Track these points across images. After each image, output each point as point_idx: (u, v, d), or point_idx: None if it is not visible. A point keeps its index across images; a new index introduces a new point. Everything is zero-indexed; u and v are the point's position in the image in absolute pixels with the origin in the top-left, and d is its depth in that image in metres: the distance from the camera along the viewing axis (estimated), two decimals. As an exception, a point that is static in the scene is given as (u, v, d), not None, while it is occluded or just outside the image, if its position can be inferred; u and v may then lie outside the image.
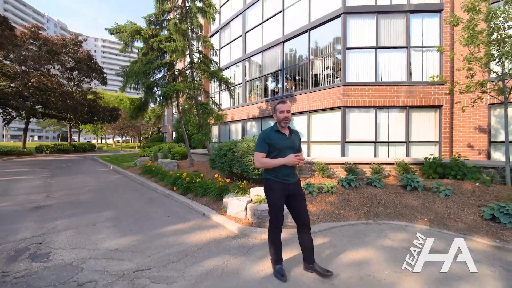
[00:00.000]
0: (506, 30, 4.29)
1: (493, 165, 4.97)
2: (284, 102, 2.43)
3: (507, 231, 3.31)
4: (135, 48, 7.76)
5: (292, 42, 9.97)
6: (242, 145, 5.43)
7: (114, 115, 27.50)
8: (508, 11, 4.20)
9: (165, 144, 15.54)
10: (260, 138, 2.41)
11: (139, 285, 2.29)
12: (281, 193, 2.39)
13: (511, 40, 4.22)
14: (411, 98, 7.58)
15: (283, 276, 2.36)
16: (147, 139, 37.89)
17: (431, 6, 7.73)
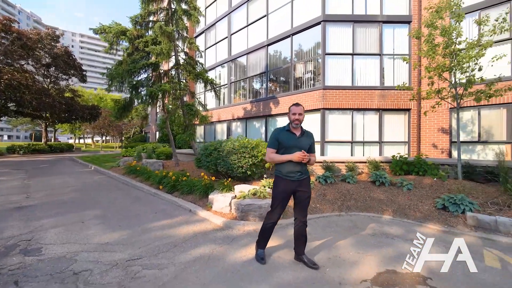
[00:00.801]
0: (457, 45, 4.93)
1: (449, 163, 5.65)
2: (298, 105, 2.60)
3: (454, 218, 3.88)
4: (120, 48, 7.74)
5: (276, 46, 10.37)
6: (227, 145, 5.72)
7: (94, 114, 26.51)
8: (458, 28, 4.83)
9: (149, 144, 15.38)
10: (272, 135, 2.63)
11: (132, 271, 2.53)
12: (284, 189, 2.54)
13: (461, 53, 4.86)
14: (383, 102, 8.25)
15: (263, 259, 2.68)
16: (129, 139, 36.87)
17: (401, 18, 8.44)
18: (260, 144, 5.79)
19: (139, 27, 7.29)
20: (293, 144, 2.54)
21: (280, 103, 9.80)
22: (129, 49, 7.50)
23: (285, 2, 9.87)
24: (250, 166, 5.42)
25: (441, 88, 5.22)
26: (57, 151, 24.77)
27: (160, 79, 7.87)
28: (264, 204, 4.07)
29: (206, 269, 2.57)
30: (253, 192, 4.50)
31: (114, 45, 7.45)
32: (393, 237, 3.38)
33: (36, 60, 22.25)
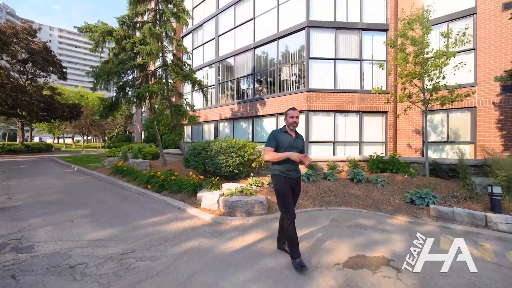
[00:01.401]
0: (425, 54, 5.45)
1: (419, 161, 6.20)
2: (294, 109, 2.81)
3: (420, 210, 4.35)
4: (106, 48, 7.68)
5: (262, 49, 10.67)
6: (215, 145, 5.93)
7: (74, 112, 25.58)
8: (426, 40, 5.35)
9: (134, 144, 15.17)
10: (271, 135, 2.79)
11: (127, 263, 2.71)
12: (286, 186, 2.72)
13: (429, 62, 5.38)
14: (363, 104, 8.78)
15: (304, 266, 2.50)
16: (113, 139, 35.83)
17: (379, 26, 9.02)
18: (247, 144, 6.05)
19: (126, 28, 7.29)
20: (291, 144, 2.75)
21: (266, 104, 10.11)
22: (116, 49, 7.47)
23: (272, 7, 10.19)
24: (237, 165, 5.67)
25: (411, 93, 5.73)
26: (35, 151, 23.70)
27: (147, 79, 7.91)
28: (251, 201, 4.34)
29: (196, 259, 2.80)
30: (240, 190, 4.76)
31: (100, 45, 7.39)
32: (366, 228, 3.76)
33: (11, 55, 21.17)
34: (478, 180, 4.72)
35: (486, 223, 3.75)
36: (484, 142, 7.27)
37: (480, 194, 4.43)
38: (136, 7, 7.25)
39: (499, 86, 7.11)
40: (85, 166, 11.52)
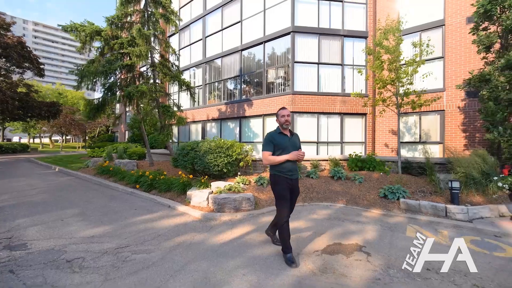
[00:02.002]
0: (398, 62, 5.98)
1: (393, 160, 6.76)
2: (284, 108, 2.84)
3: (391, 203, 4.82)
4: (93, 48, 7.60)
5: (249, 51, 10.94)
6: (204, 145, 6.13)
7: (53, 111, 24.46)
8: (399, 49, 5.88)
9: (119, 144, 14.90)
10: (266, 139, 2.80)
11: (123, 256, 2.88)
12: (286, 186, 2.75)
13: (401, 70, 5.92)
14: (344, 107, 9.30)
15: (293, 262, 2.64)
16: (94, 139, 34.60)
17: (359, 33, 9.59)
18: (234, 144, 6.30)
19: (114, 28, 7.26)
20: (288, 144, 2.78)
21: (253, 105, 10.39)
22: (105, 50, 7.41)
23: (258, 11, 10.49)
24: (225, 165, 5.91)
25: (386, 98, 6.25)
26: (10, 152, 22.50)
27: (134, 80, 7.90)
28: (239, 198, 4.61)
29: (189, 251, 3.03)
30: (228, 188, 5.01)
31: (87, 45, 7.31)
32: (343, 220, 4.15)
33: (-19, 50, 19.94)
34: (442, 176, 5.29)
35: (446, 213, 4.27)
36: (451, 142, 8.00)
37: (443, 188, 4.98)
38: (126, 7, 7.24)
39: (464, 92, 7.85)
40: (67, 167, 11.23)
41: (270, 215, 4.40)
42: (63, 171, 10.42)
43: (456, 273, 2.49)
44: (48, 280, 2.36)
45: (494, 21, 5.26)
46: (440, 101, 8.16)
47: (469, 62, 7.81)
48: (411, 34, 8.97)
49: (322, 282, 2.36)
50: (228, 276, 2.45)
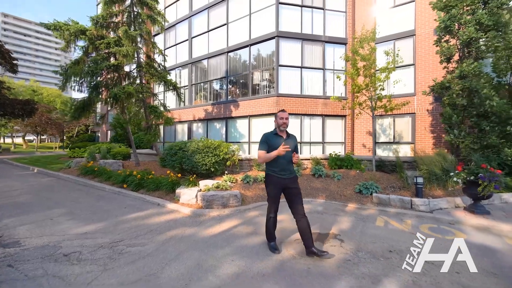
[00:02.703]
0: (372, 69, 6.54)
1: (369, 158, 7.34)
2: (284, 111, 2.95)
3: (365, 198, 5.33)
4: (77, 47, 7.50)
5: (235, 53, 11.21)
6: (192, 145, 6.34)
7: (28, 109, 23.10)
8: (373, 57, 6.44)
9: (101, 144, 14.57)
10: (262, 139, 2.95)
11: (118, 249, 3.08)
12: (277, 186, 2.89)
13: (375, 76, 6.48)
14: (325, 109, 9.84)
15: (276, 249, 2.96)
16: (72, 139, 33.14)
17: (339, 39, 10.18)
18: (222, 144, 6.56)
19: (99, 27, 7.22)
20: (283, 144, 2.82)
21: (240, 106, 10.67)
22: (90, 49, 7.35)
23: (244, 14, 10.78)
24: (213, 164, 6.16)
25: (362, 101, 6.81)
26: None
27: (120, 80, 7.89)
28: (226, 195, 4.89)
29: (181, 243, 3.28)
30: (216, 185, 5.27)
31: (71, 44, 7.21)
32: (323, 213, 4.57)
33: None
34: (410, 173, 5.90)
35: (411, 205, 4.82)
36: (421, 142, 8.77)
37: (410, 184, 5.57)
38: (110, 7, 7.23)
39: (432, 96, 8.64)
40: (46, 168, 10.89)
41: (256, 210, 4.73)
42: (42, 172, 10.11)
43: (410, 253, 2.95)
44: (49, 272, 2.53)
45: (454, 34, 5.95)
46: (412, 104, 8.92)
47: (436, 70, 8.60)
48: (386, 42, 9.69)
49: (301, 264, 2.71)
50: (219, 262, 2.74)
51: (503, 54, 5.64)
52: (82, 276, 2.45)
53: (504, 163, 5.61)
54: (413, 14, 9.28)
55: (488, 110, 5.19)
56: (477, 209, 4.38)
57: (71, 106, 7.60)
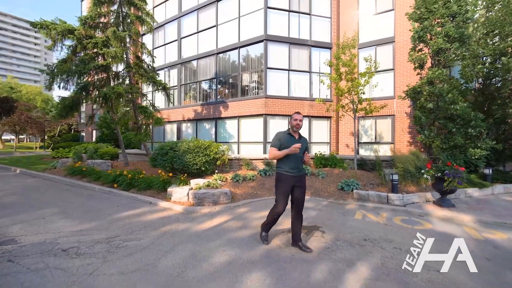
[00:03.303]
0: (353, 74, 7.00)
1: (351, 158, 7.81)
2: (298, 114, 3.05)
3: (347, 194, 5.74)
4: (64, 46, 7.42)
5: (225, 55, 11.41)
6: (183, 145, 6.51)
7: (6, 107, 22.15)
8: (353, 63, 6.89)
9: (87, 144, 14.31)
10: (275, 137, 3.08)
11: (115, 244, 3.25)
12: (288, 183, 2.96)
13: (356, 80, 6.93)
14: (312, 110, 10.27)
15: (266, 240, 3.20)
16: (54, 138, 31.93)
17: (324, 44, 10.64)
18: (212, 144, 6.78)
19: (88, 27, 7.19)
20: (294, 144, 2.92)
21: (229, 107, 10.90)
22: (78, 48, 7.29)
23: (233, 17, 11.01)
24: (203, 163, 6.37)
25: (344, 104, 7.25)
26: (-49, 153, 19.89)
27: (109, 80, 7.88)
28: (217, 192, 5.13)
29: (175, 237, 3.50)
30: (207, 184, 5.50)
31: (58, 43, 7.14)
32: (307, 208, 4.89)
33: None
34: (387, 171, 6.38)
35: (387, 200, 5.27)
36: (400, 142, 9.38)
37: (387, 181, 6.04)
38: (99, 7, 7.23)
39: (409, 100, 9.27)
40: (30, 168, 10.62)
41: (245, 207, 5.00)
42: (26, 173, 9.86)
43: (383, 241, 3.34)
44: (50, 265, 2.68)
45: (427, 43, 6.49)
46: (391, 107, 9.52)
47: (413, 75, 9.14)
48: (368, 48, 10.27)
49: (286, 252, 3.02)
50: (211, 253, 2.99)
51: (468, 63, 6.25)
52: (83, 267, 2.63)
53: (470, 162, 6.22)
54: (393, 22, 9.89)
55: (453, 113, 5.75)
56: (444, 203, 4.89)
57: (58, 105, 7.51)
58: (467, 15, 5.85)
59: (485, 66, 6.19)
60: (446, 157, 5.64)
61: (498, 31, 6.04)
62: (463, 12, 5.87)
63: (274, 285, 2.30)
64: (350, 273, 2.52)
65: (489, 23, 6.02)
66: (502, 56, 5.97)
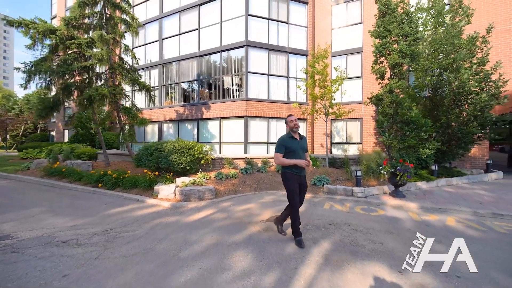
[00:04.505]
0: (325, 82, 7.81)
1: (323, 157, 8.65)
2: (291, 115, 3.30)
3: (318, 189, 6.50)
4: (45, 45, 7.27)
5: (207, 58, 11.77)
6: (168, 146, 6.84)
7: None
8: (324, 72, 7.70)
9: (61, 144, 13.80)
10: (279, 142, 3.24)
11: (112, 235, 3.60)
12: (295, 181, 3.23)
13: (328, 88, 7.75)
14: (289, 113, 11.02)
15: (301, 244, 3.17)
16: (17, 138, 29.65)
17: (301, 51, 11.46)
18: (196, 145, 7.18)
19: (71, 28, 7.14)
20: (298, 147, 3.20)
21: (211, 108, 11.28)
22: (60, 48, 7.21)
23: (215, 22, 11.42)
24: (188, 163, 6.76)
25: (317, 108, 8.05)
26: None
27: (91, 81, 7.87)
28: (202, 189, 5.59)
29: (167, 228, 3.93)
30: (192, 182, 5.92)
31: (38, 42, 7.02)
32: (283, 202, 5.53)
33: None
34: (353, 168, 7.26)
35: (352, 193, 6.10)
36: (366, 142, 10.46)
37: (353, 176, 6.91)
38: (83, 9, 7.23)
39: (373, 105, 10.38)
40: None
41: (228, 202, 5.52)
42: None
43: (344, 224, 4.07)
44: (55, 253, 3.00)
45: (386, 57, 7.48)
46: (360, 111, 10.59)
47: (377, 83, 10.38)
48: (340, 56, 11.28)
49: (264, 235, 3.61)
50: (201, 238, 3.49)
51: (419, 75, 7.33)
52: (87, 254, 2.99)
53: (421, 159, 7.30)
54: (361, 34, 10.97)
55: (408, 118, 6.76)
56: (397, 194, 5.82)
57: (38, 105, 7.37)
58: (417, 35, 6.90)
59: (432, 78, 7.30)
60: (401, 156, 6.63)
61: (442, 49, 7.17)
62: (413, 33, 6.92)
63: (255, 258, 2.87)
64: (315, 247, 3.17)
65: (434, 43, 7.14)
66: (445, 70, 7.12)
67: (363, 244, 3.26)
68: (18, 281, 2.40)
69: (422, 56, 7.08)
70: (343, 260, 2.84)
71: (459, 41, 7.04)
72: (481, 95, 6.85)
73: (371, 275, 2.53)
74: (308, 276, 2.50)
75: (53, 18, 21.69)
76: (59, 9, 20.72)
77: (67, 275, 2.50)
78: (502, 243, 3.34)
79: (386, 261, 2.82)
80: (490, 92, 7.05)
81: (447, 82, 7.17)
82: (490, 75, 7.05)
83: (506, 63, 8.71)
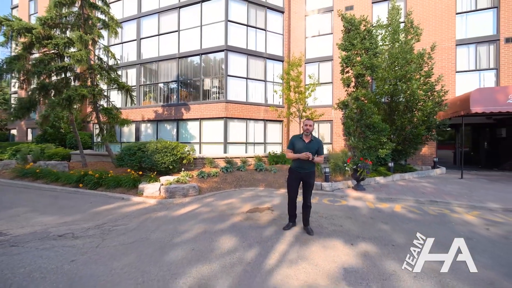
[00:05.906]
0: (300, 88, 8.61)
1: (298, 156, 9.49)
2: (309, 120, 3.63)
3: (292, 184, 7.24)
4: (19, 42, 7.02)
5: (186, 60, 12.01)
6: (151, 146, 7.11)
7: None
8: (298, 79, 8.50)
9: (28, 144, 13.04)
10: (290, 140, 3.70)
11: (106, 229, 3.92)
12: (294, 177, 3.64)
13: (302, 93, 8.56)
14: (267, 115, 11.72)
15: (287, 227, 3.85)
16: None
17: (277, 57, 12.22)
18: (178, 145, 7.53)
19: (47, 27, 6.99)
20: (302, 147, 3.53)
21: (191, 109, 11.56)
22: (36, 48, 7.01)
23: (196, 25, 11.71)
24: (171, 162, 7.09)
25: (292, 112, 8.83)
26: None
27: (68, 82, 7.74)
28: (186, 186, 6.01)
29: (157, 221, 4.33)
30: (176, 180, 6.30)
31: (13, 40, 6.78)
32: (261, 196, 6.19)
33: None
34: (323, 166, 8.15)
35: (321, 187, 6.93)
36: (336, 143, 11.54)
37: (323, 173, 7.77)
38: (60, 9, 7.11)
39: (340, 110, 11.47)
40: (-42, 172, 9.42)
41: (211, 197, 6.01)
42: (-45, 177, 8.79)
43: (312, 213, 4.79)
44: (56, 245, 3.29)
45: (351, 68, 8.48)
46: (330, 114, 11.63)
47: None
48: (313, 63, 12.26)
49: (246, 224, 4.19)
50: (190, 227, 3.96)
51: (379, 84, 8.44)
52: (88, 244, 3.32)
53: (381, 158, 8.41)
54: (331, 43, 12.04)
55: (371, 123, 7.80)
56: (358, 188, 6.76)
57: (15, 106, 7.11)
58: (376, 50, 7.98)
59: (390, 87, 8.45)
60: (363, 154, 7.64)
61: (397, 62, 8.35)
62: (374, 47, 7.98)
63: (239, 240, 3.45)
64: (289, 231, 3.83)
65: (391, 56, 8.29)
66: (399, 81, 8.30)
67: (326, 226, 4.00)
68: (29, 267, 2.70)
69: (381, 68, 8.17)
70: (310, 239, 3.53)
71: (411, 56, 8.26)
72: (427, 103, 8.12)
73: (330, 247, 3.24)
74: (282, 250, 3.13)
75: (13, 8, 20.05)
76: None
77: (74, 260, 2.85)
78: (432, 223, 4.30)
79: (342, 238, 3.57)
80: (434, 100, 8.37)
81: (401, 91, 8.35)
82: (435, 86, 8.38)
83: (449, 75, 10.30)
